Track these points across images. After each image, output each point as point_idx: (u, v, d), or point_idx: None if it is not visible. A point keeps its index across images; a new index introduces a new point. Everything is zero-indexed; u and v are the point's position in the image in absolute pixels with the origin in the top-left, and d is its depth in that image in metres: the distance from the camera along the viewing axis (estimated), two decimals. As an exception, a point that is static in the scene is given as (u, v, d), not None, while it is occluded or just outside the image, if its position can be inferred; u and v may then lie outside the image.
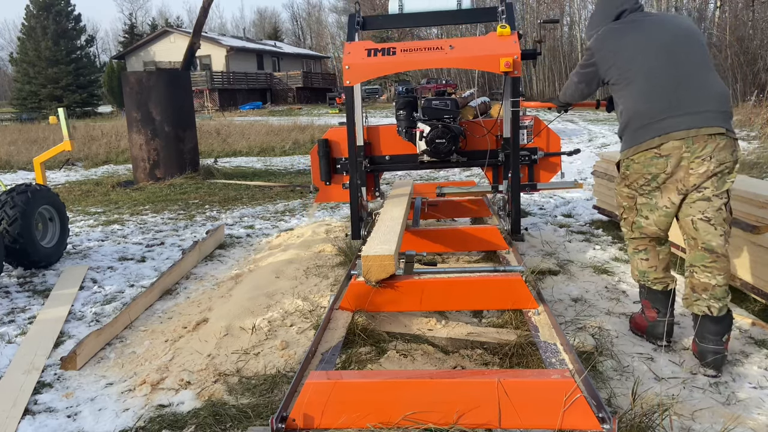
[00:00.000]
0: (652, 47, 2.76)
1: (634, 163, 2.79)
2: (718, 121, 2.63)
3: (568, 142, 12.30)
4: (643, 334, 3.01)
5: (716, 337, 2.65)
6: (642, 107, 2.74)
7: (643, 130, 2.72)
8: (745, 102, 18.46)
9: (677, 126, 2.63)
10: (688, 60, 2.72)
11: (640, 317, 3.04)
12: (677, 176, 2.68)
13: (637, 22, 2.87)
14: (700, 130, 2.61)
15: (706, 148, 2.61)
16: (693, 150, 2.62)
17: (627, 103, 2.81)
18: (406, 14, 4.68)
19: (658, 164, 2.69)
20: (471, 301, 3.06)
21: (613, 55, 2.86)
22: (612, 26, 2.93)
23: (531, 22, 36.42)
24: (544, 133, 4.53)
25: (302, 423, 1.96)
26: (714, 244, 2.68)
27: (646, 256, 2.93)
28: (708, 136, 2.61)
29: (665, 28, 2.83)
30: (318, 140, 4.69)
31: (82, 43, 40.24)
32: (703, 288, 2.71)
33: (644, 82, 2.74)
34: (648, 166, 2.72)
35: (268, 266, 4.44)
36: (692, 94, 2.67)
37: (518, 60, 3.77)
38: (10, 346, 3.30)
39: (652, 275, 2.92)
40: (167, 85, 9.22)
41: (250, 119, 24.54)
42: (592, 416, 1.88)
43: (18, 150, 13.93)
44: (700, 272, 2.72)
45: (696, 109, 2.64)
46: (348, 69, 3.99)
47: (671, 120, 2.64)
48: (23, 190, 4.70)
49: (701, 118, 2.62)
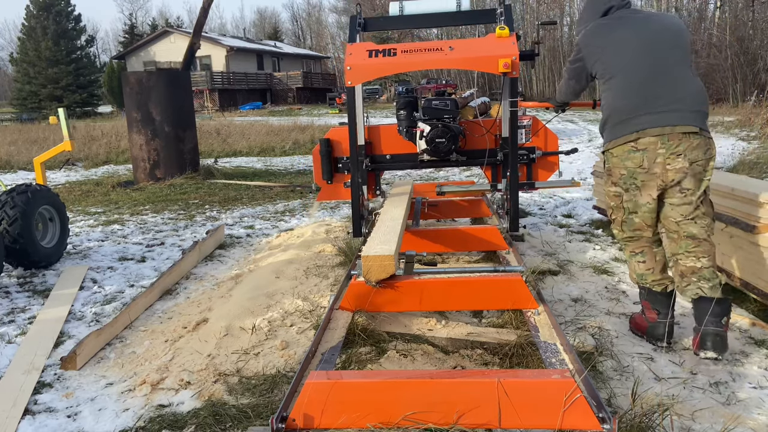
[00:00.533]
0: (634, 44, 2.83)
1: (612, 157, 2.88)
2: (693, 120, 2.71)
3: (568, 142, 12.30)
4: (643, 335, 3.01)
5: (715, 318, 2.66)
6: (620, 103, 2.83)
7: (621, 125, 2.81)
8: (745, 102, 18.48)
9: (653, 123, 2.71)
10: (667, 58, 2.78)
11: (641, 318, 3.05)
12: (654, 172, 2.74)
13: (624, 19, 2.94)
14: (675, 128, 2.69)
15: (680, 145, 2.69)
16: (668, 146, 2.70)
17: (607, 98, 2.91)
18: (406, 16, 4.72)
19: (634, 158, 2.77)
20: (471, 301, 3.06)
21: (599, 50, 2.94)
22: (599, 22, 3.00)
23: (531, 22, 36.42)
24: (542, 132, 4.57)
25: (302, 423, 1.96)
26: (695, 231, 2.77)
27: (643, 258, 2.96)
28: (682, 134, 2.69)
29: (650, 25, 2.89)
30: (320, 140, 4.72)
31: (82, 43, 40.27)
32: (691, 272, 2.78)
33: (623, 78, 2.83)
34: (624, 159, 2.80)
35: (268, 266, 4.44)
36: (669, 91, 2.74)
37: (516, 61, 3.81)
38: (10, 346, 3.30)
39: (650, 277, 2.95)
40: (167, 85, 9.22)
41: (250, 119, 24.54)
42: (592, 416, 1.88)
43: (18, 150, 13.93)
44: (685, 258, 2.80)
45: (672, 107, 2.71)
46: (350, 70, 4.02)
47: (648, 117, 2.73)
48: (23, 190, 4.70)
49: (677, 116, 2.70)
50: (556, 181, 4.71)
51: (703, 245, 2.77)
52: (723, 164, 8.84)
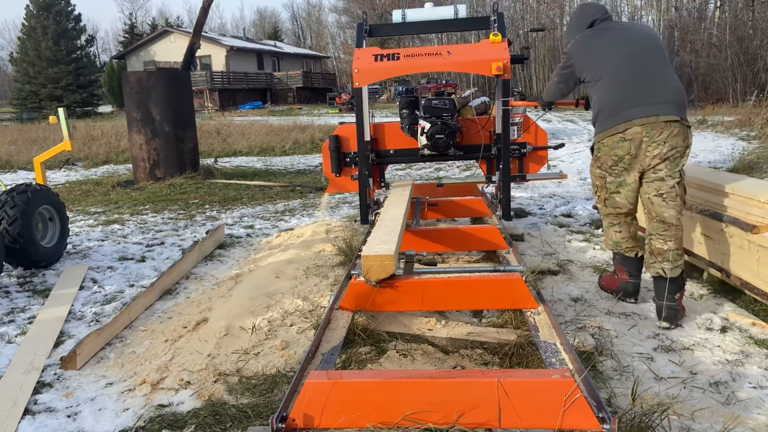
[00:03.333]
0: (618, 50, 3.25)
1: (603, 146, 3.26)
2: (674, 110, 3.09)
3: (569, 141, 12.30)
4: (612, 293, 3.57)
5: (670, 294, 3.12)
6: (610, 99, 3.21)
7: (611, 118, 3.19)
8: (745, 102, 18.47)
9: (639, 114, 3.09)
10: (649, 60, 3.20)
11: (611, 278, 3.60)
12: (638, 158, 3.15)
13: (608, 30, 3.38)
14: (659, 118, 3.07)
15: (662, 134, 3.07)
16: (651, 135, 3.08)
17: (597, 96, 3.29)
18: (408, 23, 5.14)
19: (623, 147, 3.16)
20: (471, 301, 3.07)
21: (587, 57, 3.35)
22: (586, 33, 3.42)
23: (531, 22, 36.45)
24: (532, 128, 4.98)
25: (302, 423, 1.96)
26: (666, 215, 3.17)
27: (619, 229, 3.42)
28: (665, 123, 3.07)
29: (630, 34, 3.35)
30: (329, 136, 5.09)
31: (82, 43, 40.24)
32: (659, 252, 3.19)
33: (612, 78, 3.22)
34: (614, 148, 3.19)
35: (268, 266, 4.45)
36: (652, 87, 3.14)
37: (508, 64, 4.24)
38: (10, 346, 3.30)
39: (624, 245, 3.43)
40: (167, 85, 9.22)
41: (250, 119, 24.53)
42: (592, 416, 1.88)
43: (18, 150, 13.93)
44: (655, 239, 3.21)
45: (655, 100, 3.10)
46: (357, 72, 4.41)
47: (634, 109, 3.11)
48: (23, 190, 4.70)
49: (660, 107, 3.08)
50: (546, 174, 5.17)
51: (671, 230, 3.17)
52: (723, 164, 8.84)
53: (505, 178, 4.65)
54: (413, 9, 5.27)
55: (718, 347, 2.91)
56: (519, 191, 7.41)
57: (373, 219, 4.63)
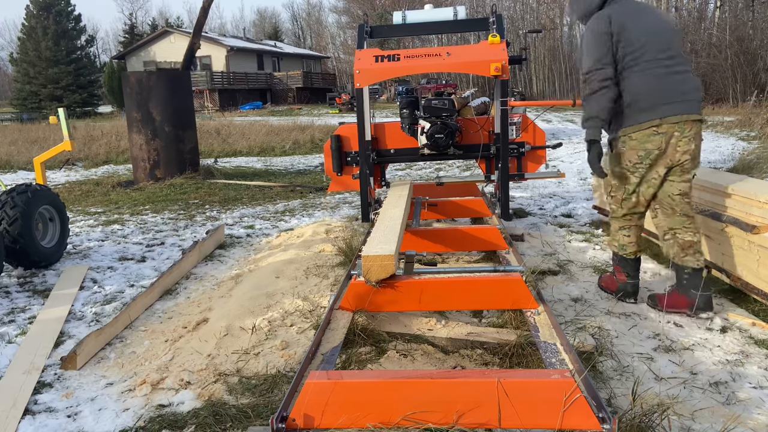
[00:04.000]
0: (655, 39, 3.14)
1: (630, 140, 3.21)
2: (698, 109, 3.18)
3: (568, 141, 12.31)
4: (612, 293, 3.56)
5: (705, 285, 3.19)
6: (643, 91, 3.14)
7: (645, 112, 3.14)
8: (745, 102, 18.47)
9: (673, 111, 3.12)
10: (675, 53, 3.18)
11: (611, 278, 3.60)
12: (667, 153, 3.16)
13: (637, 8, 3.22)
14: (690, 116, 3.13)
15: (691, 130, 3.13)
16: (683, 131, 3.12)
17: (630, 83, 3.16)
18: (408, 24, 5.18)
19: (654, 141, 3.14)
20: (471, 301, 3.06)
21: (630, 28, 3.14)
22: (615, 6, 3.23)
23: (531, 22, 36.44)
24: (530, 128, 5.02)
25: (302, 423, 1.96)
26: (687, 209, 3.25)
27: (628, 233, 3.43)
28: (693, 121, 3.14)
29: (661, 19, 3.29)
30: (331, 136, 5.14)
31: (82, 43, 40.27)
32: (689, 245, 3.22)
33: (645, 69, 3.13)
34: (645, 142, 3.16)
35: (268, 266, 4.44)
36: (680, 84, 3.15)
37: (506, 65, 4.28)
38: (10, 346, 3.29)
39: (629, 249, 3.44)
40: (167, 86, 9.22)
41: (250, 119, 24.53)
42: (592, 416, 1.88)
43: (18, 150, 13.93)
44: (683, 232, 3.23)
45: (685, 97, 3.14)
46: (359, 73, 4.47)
47: (667, 106, 3.12)
48: (23, 190, 4.70)
49: (689, 105, 3.14)
50: (544, 173, 5.22)
51: (695, 222, 3.26)
52: (723, 164, 8.84)
53: (503, 177, 4.72)
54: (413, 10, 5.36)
55: (718, 347, 2.91)
56: (519, 191, 7.41)
57: (373, 218, 4.69)
